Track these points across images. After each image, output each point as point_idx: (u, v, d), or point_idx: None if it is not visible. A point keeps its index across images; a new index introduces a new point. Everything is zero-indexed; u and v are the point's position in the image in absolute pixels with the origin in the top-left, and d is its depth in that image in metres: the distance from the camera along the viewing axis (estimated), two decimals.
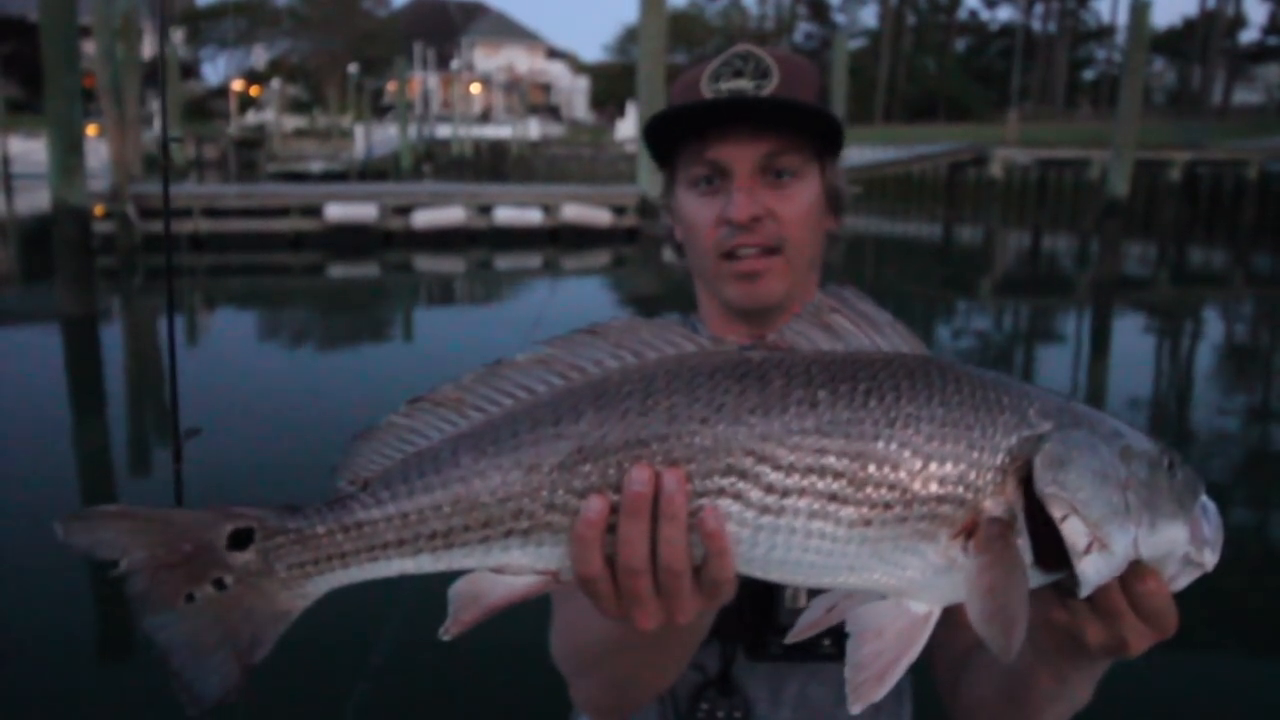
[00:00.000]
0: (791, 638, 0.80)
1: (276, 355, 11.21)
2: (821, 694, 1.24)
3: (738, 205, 1.13)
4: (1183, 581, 0.80)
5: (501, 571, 0.79)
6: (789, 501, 0.75)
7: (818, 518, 0.75)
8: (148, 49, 24.73)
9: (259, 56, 71.45)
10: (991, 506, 0.75)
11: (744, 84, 1.14)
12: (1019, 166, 30.69)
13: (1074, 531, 0.74)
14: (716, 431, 0.76)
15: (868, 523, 0.75)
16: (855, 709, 0.75)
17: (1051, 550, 0.75)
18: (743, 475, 0.75)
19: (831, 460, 0.75)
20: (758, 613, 1.17)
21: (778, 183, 1.15)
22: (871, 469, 0.75)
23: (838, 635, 0.79)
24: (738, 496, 0.76)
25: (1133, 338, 13.13)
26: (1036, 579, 0.77)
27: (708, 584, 0.77)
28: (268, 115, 54.16)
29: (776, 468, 0.75)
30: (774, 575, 0.79)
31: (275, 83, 57.23)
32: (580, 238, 18.99)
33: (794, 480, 0.75)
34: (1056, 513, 0.74)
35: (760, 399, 0.76)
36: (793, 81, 1.14)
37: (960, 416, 0.76)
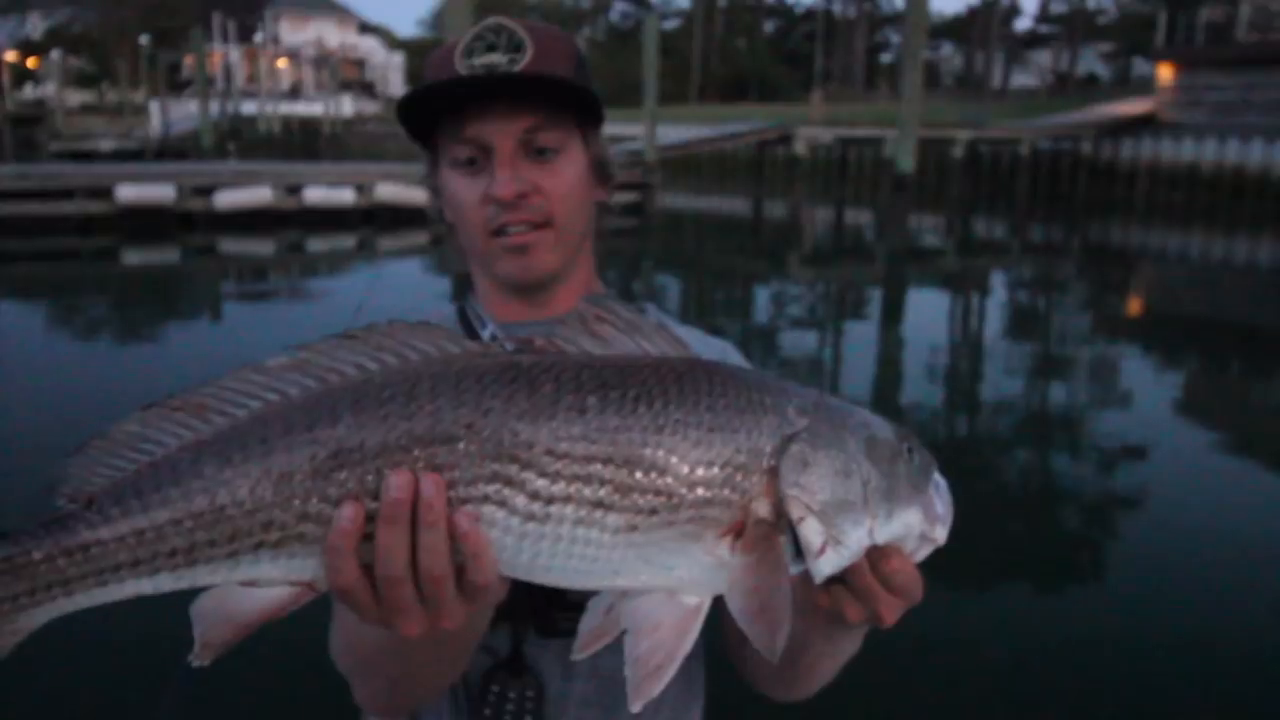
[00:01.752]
0: (578, 652, 0.80)
1: (63, 348, 10.59)
2: (613, 663, 1.31)
3: (501, 184, 1.12)
4: (920, 555, 0.85)
5: (251, 585, 0.75)
6: (555, 509, 0.75)
7: (584, 524, 0.75)
8: None
9: (35, 25, 65.45)
10: (758, 507, 0.77)
11: (497, 58, 1.11)
12: (822, 145, 32.35)
13: (810, 531, 0.77)
14: (483, 437, 0.74)
15: (634, 528, 0.75)
16: (635, 707, 0.75)
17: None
18: (508, 482, 0.74)
19: (599, 468, 0.75)
20: (547, 592, 1.25)
21: (540, 158, 1.14)
22: (639, 475, 0.75)
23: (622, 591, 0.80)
24: (503, 504, 0.74)
25: (926, 304, 14.16)
26: (795, 568, 0.79)
27: (470, 588, 0.77)
28: (48, 89, 49.83)
29: (543, 475, 0.74)
30: (540, 579, 0.79)
31: (55, 54, 52.67)
32: (396, 217, 18.70)
33: (560, 488, 0.74)
34: (795, 514, 0.76)
35: (529, 404, 0.75)
36: (547, 54, 1.12)
37: (726, 420, 0.77)
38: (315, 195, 18.61)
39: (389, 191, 18.87)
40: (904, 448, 0.84)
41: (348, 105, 52.29)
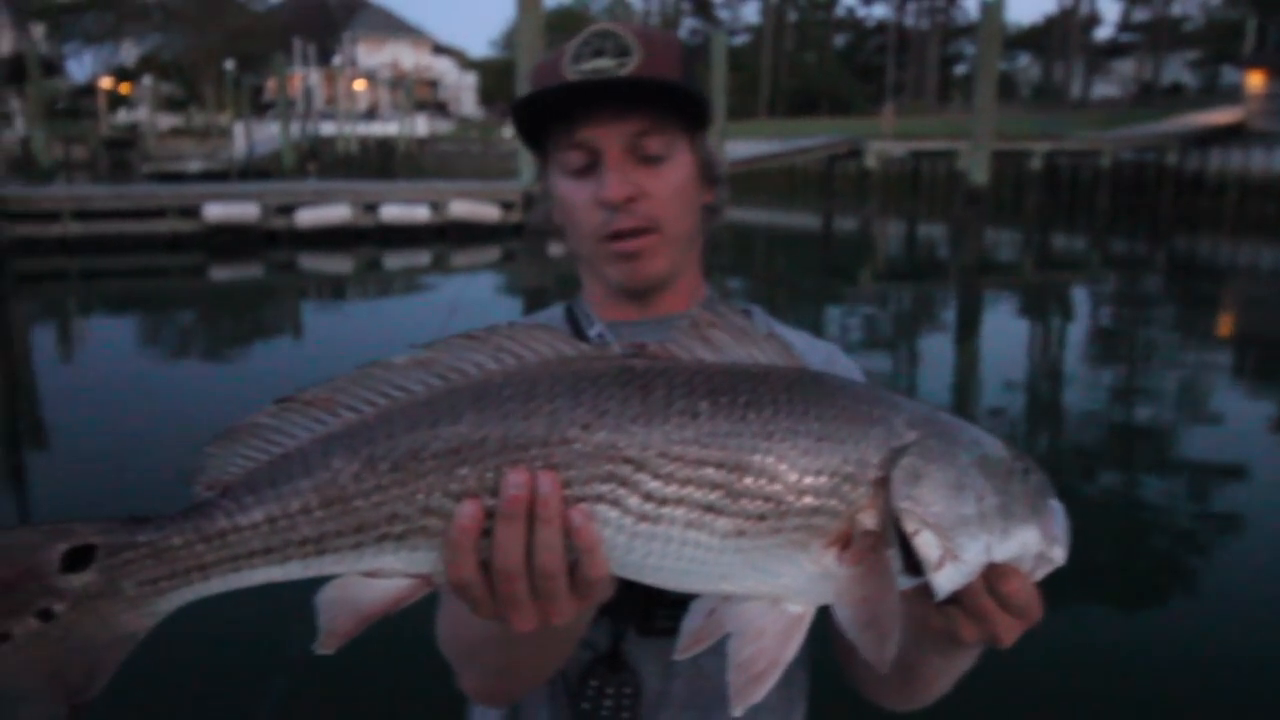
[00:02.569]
0: (680, 653, 0.80)
1: (156, 361, 11.00)
2: (715, 665, 1.26)
3: (611, 186, 1.13)
4: (1038, 575, 0.83)
5: (373, 576, 0.77)
6: (666, 510, 0.76)
7: (693, 527, 0.76)
8: (5, 45, 23.55)
9: (128, 53, 68.39)
10: (865, 519, 0.77)
11: (605, 63, 1.12)
12: (894, 158, 31.99)
13: (926, 545, 0.76)
14: (598, 438, 0.76)
15: (742, 533, 0.76)
16: (737, 712, 0.76)
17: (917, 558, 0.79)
18: (622, 482, 0.76)
19: (709, 472, 0.76)
20: (646, 589, 1.25)
21: (648, 162, 1.15)
22: (748, 481, 0.76)
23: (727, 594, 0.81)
24: (616, 503, 0.76)
25: (1002, 320, 13.89)
26: (905, 584, 0.79)
27: (582, 584, 0.78)
28: (140, 114, 51.98)
29: (656, 476, 0.76)
30: (648, 580, 0.80)
31: (147, 80, 54.96)
32: (469, 234, 19.03)
33: (672, 490, 0.76)
34: (909, 527, 0.76)
35: (643, 408, 0.77)
36: (655, 58, 1.13)
37: (834, 430, 0.78)
38: (391, 213, 19.05)
39: (462, 208, 19.22)
40: (1019, 467, 0.83)
41: (422, 125, 53.44)
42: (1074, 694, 3.89)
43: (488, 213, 19.33)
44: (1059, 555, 0.83)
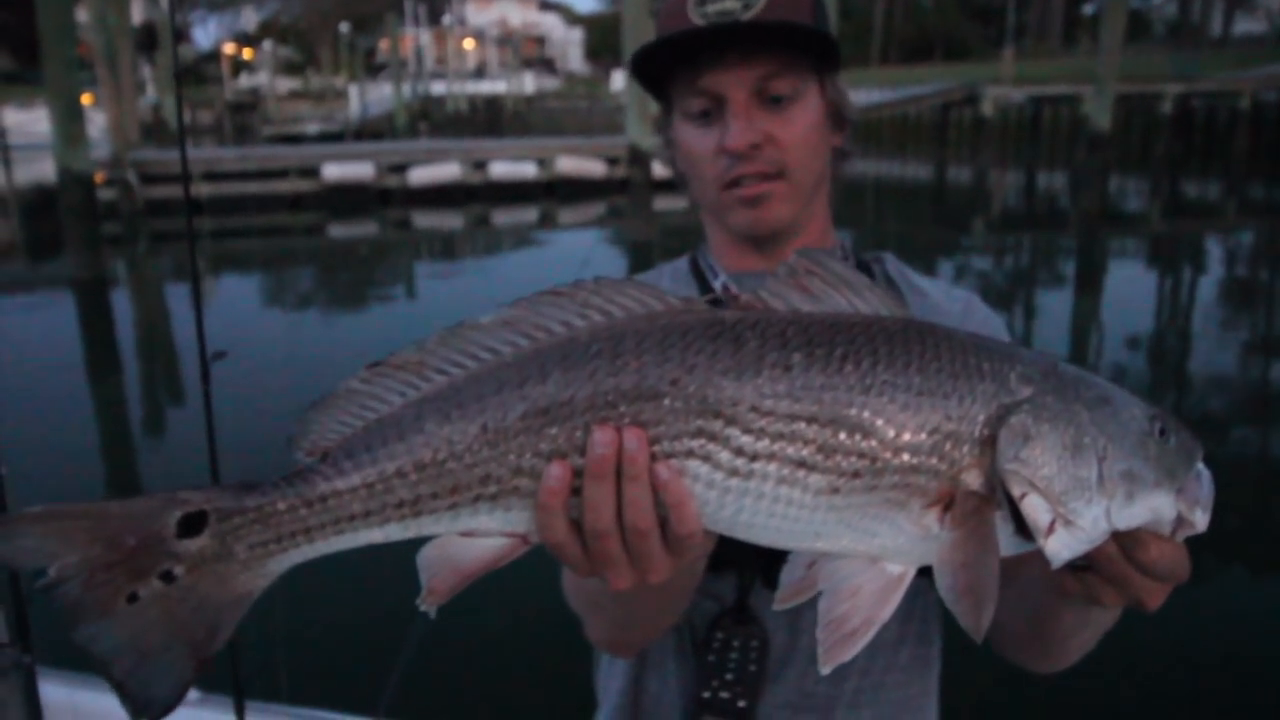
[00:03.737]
0: (778, 604, 0.79)
1: (283, 315, 11.51)
2: None
3: (735, 134, 1.11)
4: (1179, 537, 0.79)
5: (470, 535, 0.78)
6: (758, 466, 0.74)
7: (786, 483, 0.75)
8: (136, 15, 24.70)
9: (249, 19, 70.81)
10: (969, 479, 0.74)
11: (730, 5, 1.09)
12: (1013, 105, 30.64)
13: (1034, 509, 0.73)
14: (687, 393, 0.74)
15: (835, 490, 0.74)
16: (825, 669, 0.75)
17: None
18: (712, 438, 0.75)
19: (802, 426, 0.74)
20: None
21: (775, 107, 1.12)
22: (842, 437, 0.74)
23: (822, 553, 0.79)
24: (707, 459, 0.75)
25: (1126, 272, 13.30)
26: (1021, 547, 0.76)
27: (674, 541, 0.77)
28: (261, 78, 53.90)
29: (746, 431, 0.74)
30: (742, 536, 0.79)
31: (267, 45, 56.85)
32: (575, 190, 19.21)
33: (764, 445, 0.74)
34: (1015, 490, 0.73)
35: (733, 361, 0.75)
36: (779, 4, 1.10)
37: (938, 385, 0.75)
38: (500, 170, 19.37)
39: (569, 165, 19.39)
40: (1155, 427, 0.78)
41: (529, 82, 53.80)
42: (1211, 664, 3.80)
43: (594, 168, 19.44)
44: (1200, 521, 0.78)
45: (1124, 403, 0.78)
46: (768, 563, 1.13)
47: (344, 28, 53.51)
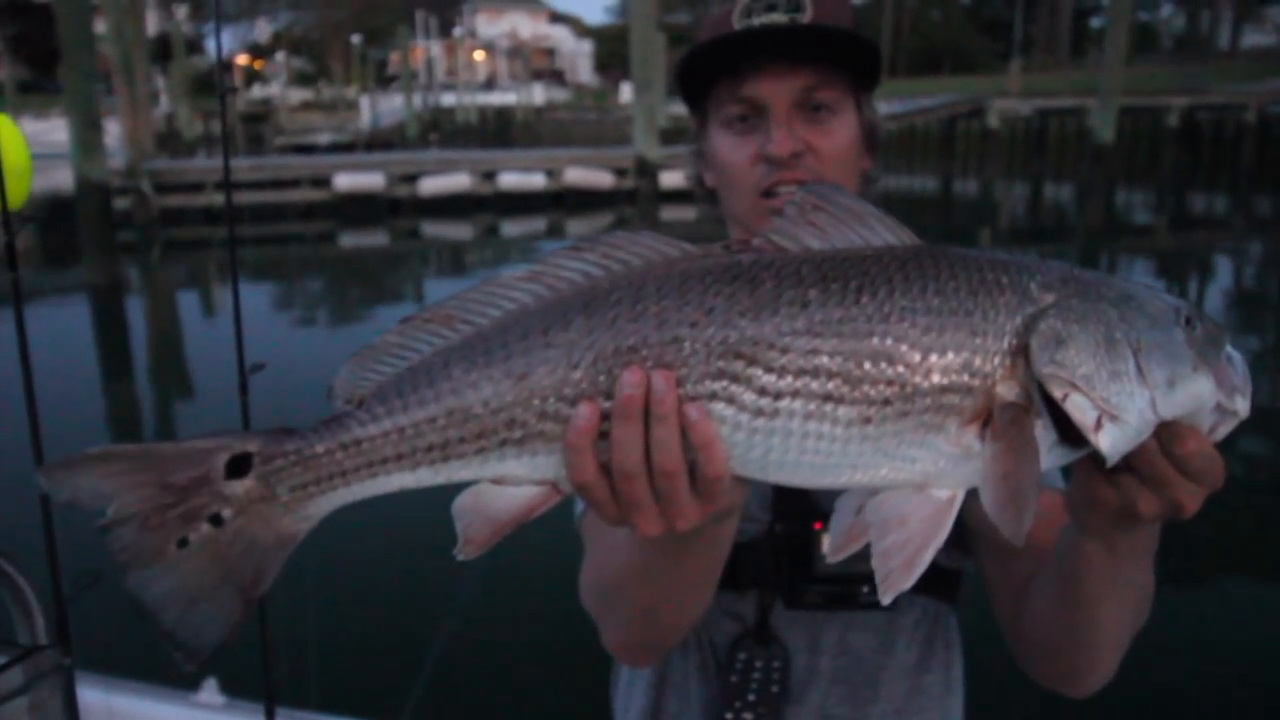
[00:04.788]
0: (832, 555, 0.78)
1: (294, 324, 11.66)
2: (861, 641, 1.21)
3: (778, 141, 1.10)
4: (1221, 431, 0.79)
5: (501, 483, 0.80)
6: (783, 404, 0.75)
7: (814, 418, 0.75)
8: (152, 26, 24.99)
9: (262, 30, 71.44)
10: (1004, 391, 0.74)
11: (779, 17, 1.10)
12: (1019, 117, 30.74)
13: (1079, 408, 0.73)
14: (707, 335, 0.76)
15: (867, 420, 0.74)
16: (886, 599, 0.73)
17: (1074, 426, 0.74)
18: (734, 379, 0.75)
19: (824, 360, 0.74)
20: (794, 562, 1.14)
21: (816, 117, 1.13)
22: (867, 366, 0.74)
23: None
24: (731, 400, 0.75)
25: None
26: (1067, 456, 0.76)
27: (702, 484, 0.77)
28: (273, 89, 54.33)
29: (769, 370, 0.75)
30: (774, 477, 0.79)
31: (280, 56, 57.34)
32: (583, 200, 19.35)
33: (786, 382, 0.75)
34: (1057, 392, 0.73)
35: (751, 301, 0.76)
36: (826, 14, 1.11)
37: (959, 304, 0.75)
38: (509, 180, 19.54)
39: (577, 176, 19.55)
40: (1181, 316, 0.78)
41: (539, 93, 54.11)
42: (1215, 671, 3.80)
43: (602, 179, 19.60)
44: (1241, 406, 0.78)
45: (1147, 296, 0.79)
46: (789, 582, 1.15)
47: (356, 39, 53.95)
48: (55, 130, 19.86)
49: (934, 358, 0.74)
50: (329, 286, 14.54)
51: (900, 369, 0.74)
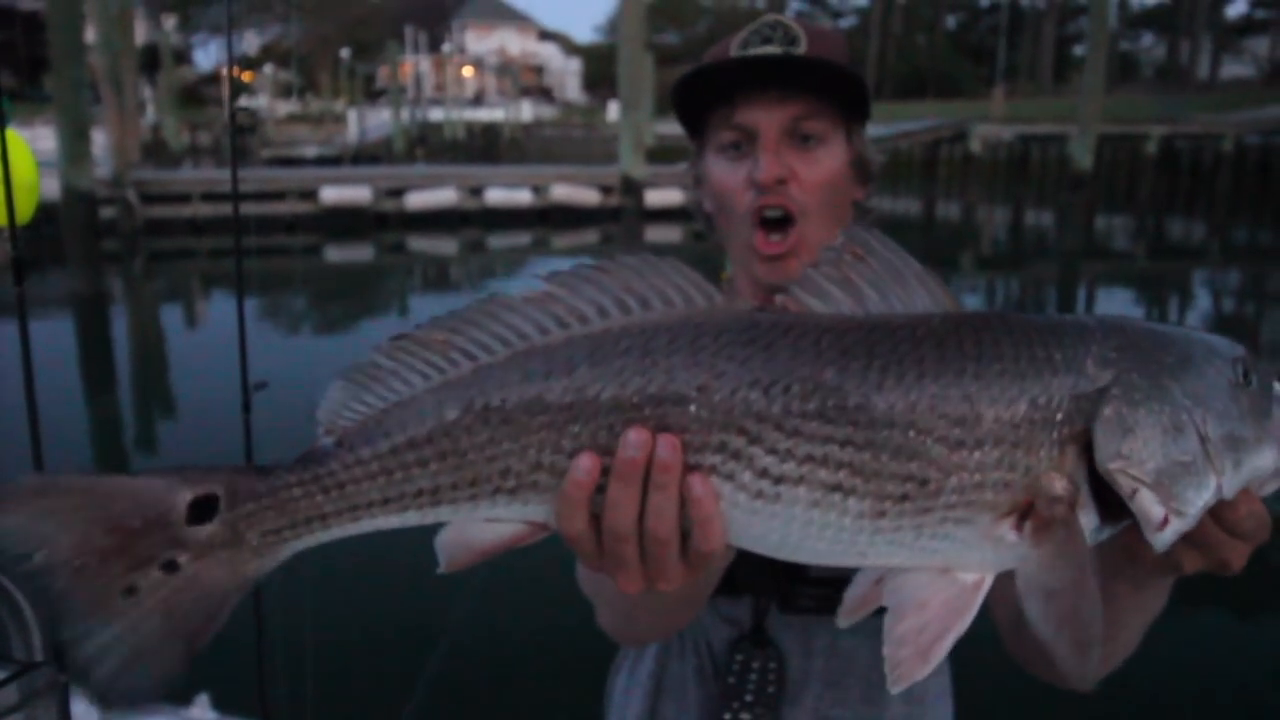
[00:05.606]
0: (842, 620, 0.73)
1: (282, 337, 11.67)
2: (853, 645, 1.22)
3: (764, 166, 1.13)
4: (1270, 489, 0.74)
5: (490, 521, 0.77)
6: (784, 490, 0.70)
7: (819, 508, 0.69)
8: (140, 36, 24.99)
9: (250, 42, 71.41)
10: (1051, 485, 0.67)
11: (773, 49, 1.14)
12: (1002, 142, 31.12)
13: (1147, 505, 0.67)
14: (713, 402, 0.70)
15: (880, 514, 0.69)
16: (895, 689, 0.69)
17: (1117, 501, 0.68)
18: (735, 456, 0.70)
19: (835, 450, 0.68)
20: (789, 566, 1.12)
21: (804, 146, 1.15)
22: (884, 459, 0.68)
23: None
24: (730, 477, 0.71)
25: (1113, 309, 13.53)
26: (1102, 534, 0.71)
27: (693, 555, 0.74)
28: (260, 101, 54.28)
29: (771, 452, 0.69)
30: (776, 555, 0.74)
31: (267, 68, 57.38)
32: (570, 217, 19.45)
33: (790, 467, 0.69)
34: (1125, 489, 0.67)
35: (764, 372, 0.70)
36: (820, 49, 1.15)
37: (1001, 391, 0.68)
38: (495, 196, 19.62)
39: (563, 192, 19.66)
40: (1238, 371, 0.72)
41: (527, 110, 54.29)
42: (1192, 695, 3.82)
43: (587, 196, 19.72)
44: None
45: (1205, 356, 0.72)
46: (784, 587, 1.16)
47: (344, 53, 54.06)
48: (40, 139, 19.78)
49: (965, 454, 0.68)
50: (315, 299, 14.54)
51: (923, 465, 0.68)
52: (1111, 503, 0.68)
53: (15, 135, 1.82)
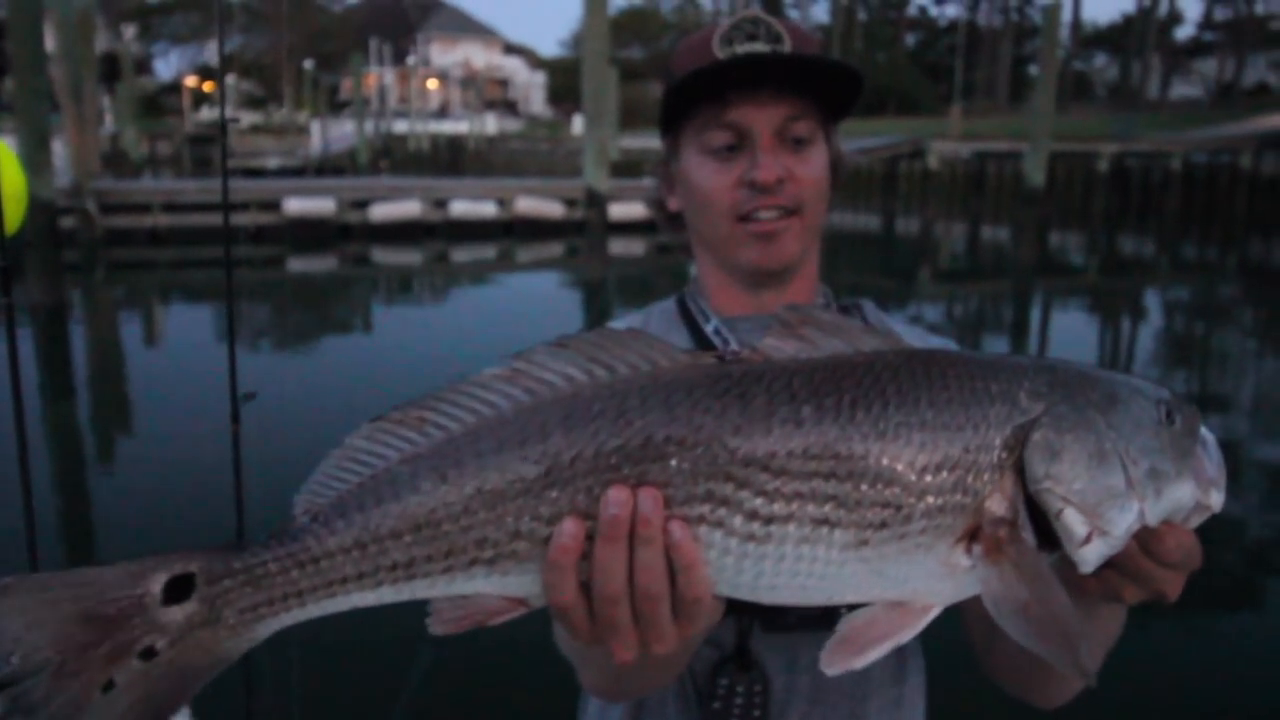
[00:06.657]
0: (831, 668, 0.75)
1: (245, 350, 11.60)
2: None
3: (765, 167, 1.12)
4: (1195, 522, 0.78)
5: (468, 598, 0.76)
6: (775, 529, 0.72)
7: (808, 543, 0.72)
8: (99, 45, 24.76)
9: (212, 52, 70.76)
10: (994, 506, 0.72)
11: (760, 47, 1.12)
12: (959, 160, 31.72)
13: (1072, 522, 0.72)
14: (696, 454, 0.72)
15: (864, 543, 0.72)
16: (828, 670, 0.73)
17: (1051, 530, 0.73)
18: (724, 502, 0.72)
19: (820, 484, 0.71)
20: None
21: (796, 146, 1.15)
22: (865, 488, 0.71)
23: (853, 604, 0.76)
24: (719, 524, 0.72)
25: (1066, 323, 13.77)
26: (1049, 560, 0.74)
27: (682, 604, 0.74)
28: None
29: (760, 493, 0.71)
30: (765, 599, 0.76)
31: (230, 78, 56.88)
32: (534, 230, 19.55)
33: (779, 507, 0.71)
34: (1052, 507, 0.72)
35: (742, 419, 0.72)
36: (803, 45, 1.14)
37: (951, 418, 0.73)
38: (460, 208, 19.68)
39: (528, 205, 19.76)
40: (1161, 412, 0.77)
41: (491, 123, 54.34)
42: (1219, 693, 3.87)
43: (552, 209, 19.83)
44: (1216, 501, 0.78)
45: (1129, 395, 0.77)
46: (766, 607, 1.27)
47: (308, 64, 53.80)
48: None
49: (928, 477, 0.72)
50: (278, 311, 14.51)
51: (897, 490, 0.72)
52: (1047, 527, 0.73)
53: (2, 145, 1.91)
